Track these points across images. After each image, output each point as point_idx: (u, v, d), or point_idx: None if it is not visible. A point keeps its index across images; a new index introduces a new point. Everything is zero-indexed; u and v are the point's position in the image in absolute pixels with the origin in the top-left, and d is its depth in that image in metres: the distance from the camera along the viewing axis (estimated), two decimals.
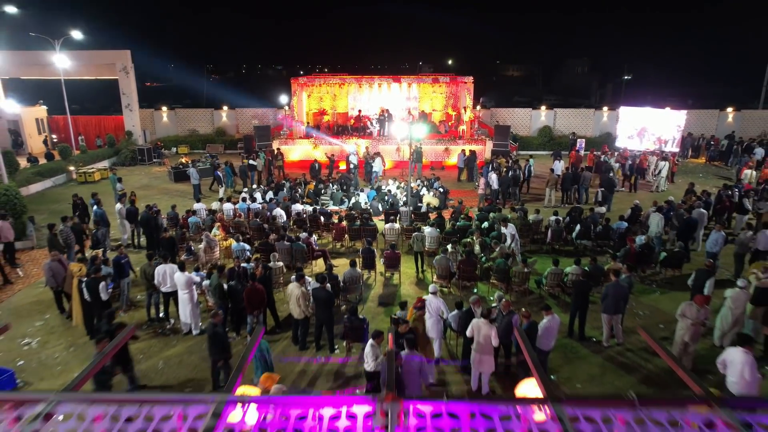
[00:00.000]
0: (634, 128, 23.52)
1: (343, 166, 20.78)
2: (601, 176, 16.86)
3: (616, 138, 24.56)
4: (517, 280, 9.72)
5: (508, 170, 17.11)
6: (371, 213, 13.78)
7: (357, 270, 9.56)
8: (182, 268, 8.56)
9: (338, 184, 17.26)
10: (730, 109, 27.12)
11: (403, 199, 15.07)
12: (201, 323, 8.78)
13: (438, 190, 16.06)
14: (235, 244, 10.74)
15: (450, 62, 75.05)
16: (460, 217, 12.79)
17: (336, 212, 14.16)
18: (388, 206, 14.71)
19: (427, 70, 63.37)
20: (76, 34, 22.98)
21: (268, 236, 11.33)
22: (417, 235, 11.09)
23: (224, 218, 13.02)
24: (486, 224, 12.15)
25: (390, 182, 17.46)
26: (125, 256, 9.53)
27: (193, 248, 11.38)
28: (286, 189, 15.81)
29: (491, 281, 10.11)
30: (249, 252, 10.59)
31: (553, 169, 17.45)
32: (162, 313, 9.14)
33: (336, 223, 12.70)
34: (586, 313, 8.51)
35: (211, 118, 29.20)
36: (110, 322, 6.91)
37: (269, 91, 42.96)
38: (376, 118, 24.40)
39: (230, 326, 8.58)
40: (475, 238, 11.23)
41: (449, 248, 10.60)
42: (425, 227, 11.58)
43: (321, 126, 24.75)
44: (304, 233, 11.50)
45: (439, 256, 10.25)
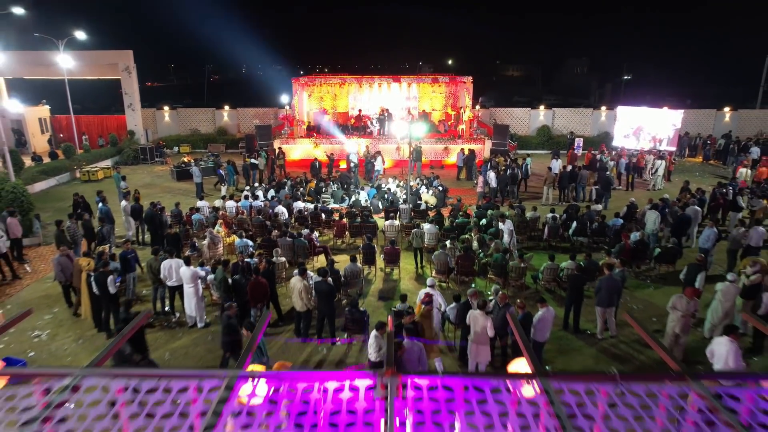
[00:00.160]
0: (630, 127, 23.81)
1: (344, 165, 21.02)
2: (597, 174, 17.11)
3: (613, 137, 24.83)
4: (514, 275, 9.96)
5: (506, 169, 17.35)
6: (371, 210, 14.03)
7: (357, 265, 9.79)
8: (188, 262, 8.81)
9: (338, 183, 17.52)
10: (727, 109, 27.38)
11: (403, 197, 15.32)
12: (206, 316, 9.04)
13: (437, 189, 16.30)
14: (238, 241, 10.99)
15: (450, 62, 75.33)
16: (459, 215, 13.03)
17: (337, 210, 14.41)
18: (388, 204, 14.95)
19: (427, 70, 63.66)
20: (80, 35, 23.22)
21: (271, 233, 11.57)
22: (416, 231, 11.33)
23: (227, 215, 13.27)
24: (484, 221, 12.41)
25: (390, 181, 17.71)
26: (132, 251, 9.79)
27: (197, 244, 11.60)
28: (287, 187, 16.06)
29: (489, 276, 10.35)
30: (252, 248, 10.83)
31: (550, 167, 17.68)
32: (168, 307, 9.38)
33: (337, 220, 12.94)
34: (581, 307, 8.75)
35: (213, 117, 29.46)
36: (128, 311, 7.27)
37: (269, 91, 43.18)
38: (376, 117, 24.64)
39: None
40: (473, 235, 11.47)
41: (448, 244, 10.84)
42: (424, 224, 11.82)
43: (322, 125, 24.99)
44: (306, 230, 11.75)
45: (437, 251, 10.49)
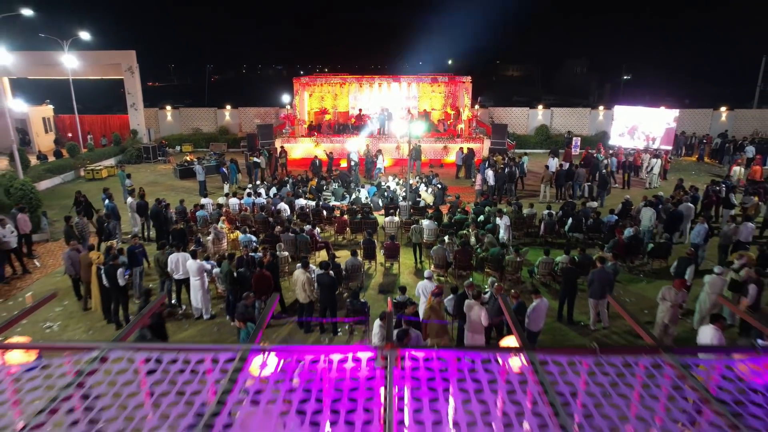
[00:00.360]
0: (625, 126, 24.18)
1: (344, 164, 21.32)
2: (591, 172, 17.42)
3: (610, 136, 25.16)
4: (510, 269, 10.26)
5: (504, 167, 17.66)
6: (372, 208, 14.34)
7: (358, 259, 10.09)
8: (194, 255, 9.12)
9: (339, 181, 17.82)
10: (723, 109, 27.69)
11: (403, 195, 15.62)
12: (211, 309, 9.34)
13: (436, 187, 16.60)
14: (242, 236, 11.29)
15: (450, 62, 75.60)
16: (457, 211, 13.33)
17: (337, 207, 14.72)
18: (388, 201, 15.25)
19: (427, 69, 63.86)
20: (84, 35, 23.53)
21: (274, 228, 11.88)
22: (415, 227, 11.63)
23: (230, 212, 13.57)
24: (482, 218, 12.71)
25: (390, 179, 18.03)
26: (140, 246, 10.09)
27: (201, 240, 11.91)
28: (289, 185, 16.37)
29: (485, 270, 10.65)
30: (255, 243, 11.13)
31: (547, 165, 17.99)
32: (174, 300, 9.68)
33: (338, 217, 13.24)
34: (575, 299, 9.05)
35: (215, 117, 29.76)
36: (147, 299, 7.64)
37: (269, 91, 43.51)
38: (377, 116, 24.93)
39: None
40: (471, 230, 11.77)
41: (446, 239, 11.14)
42: (423, 220, 12.13)
43: (323, 124, 25.30)
44: (308, 225, 12.05)
45: (436, 246, 10.79)
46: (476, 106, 25.47)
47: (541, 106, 29.37)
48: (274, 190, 16.07)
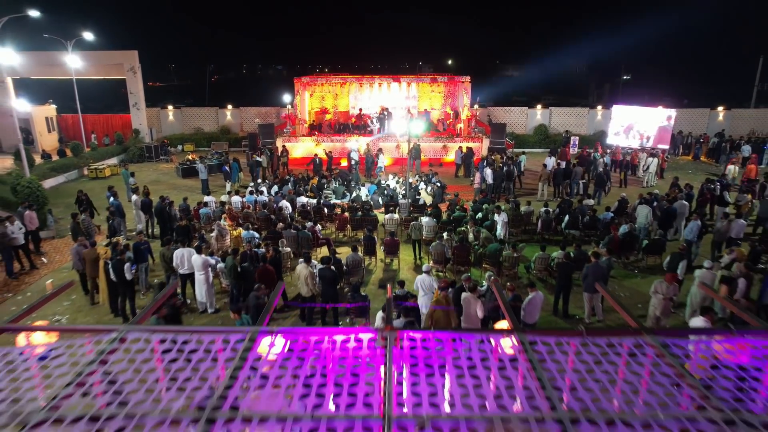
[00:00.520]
0: (621, 125, 24.44)
1: (344, 163, 21.54)
2: (588, 171, 17.66)
3: (608, 135, 25.40)
4: (508, 264, 10.49)
5: (502, 166, 17.88)
6: (372, 205, 14.57)
7: (359, 254, 10.32)
8: (199, 251, 9.34)
9: (339, 179, 18.05)
10: (720, 108, 27.90)
11: (402, 193, 15.85)
12: (216, 303, 9.57)
13: (436, 185, 16.83)
14: (245, 233, 11.52)
15: (450, 62, 75.83)
16: (456, 209, 13.56)
17: (338, 205, 14.94)
18: (388, 199, 15.48)
19: (427, 69, 64.13)
20: (87, 36, 23.74)
21: (276, 225, 12.10)
22: (415, 224, 11.86)
23: (233, 210, 13.80)
24: (480, 215, 12.94)
25: (390, 177, 18.26)
26: (146, 242, 10.32)
27: (205, 236, 12.13)
28: (290, 183, 16.60)
29: (483, 266, 10.88)
30: (258, 239, 11.36)
31: (545, 164, 18.22)
32: (180, 294, 9.90)
33: (339, 214, 13.47)
34: (570, 293, 9.29)
35: (216, 116, 29.99)
36: (161, 290, 7.82)
37: (270, 91, 43.72)
38: (377, 116, 25.16)
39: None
40: (469, 227, 12.00)
41: (445, 236, 11.37)
42: (423, 217, 12.36)
43: (323, 124, 25.52)
44: (310, 222, 12.28)
45: (435, 242, 11.02)
46: (475, 106, 25.69)
47: (539, 106, 29.59)
48: (275, 188, 16.30)
